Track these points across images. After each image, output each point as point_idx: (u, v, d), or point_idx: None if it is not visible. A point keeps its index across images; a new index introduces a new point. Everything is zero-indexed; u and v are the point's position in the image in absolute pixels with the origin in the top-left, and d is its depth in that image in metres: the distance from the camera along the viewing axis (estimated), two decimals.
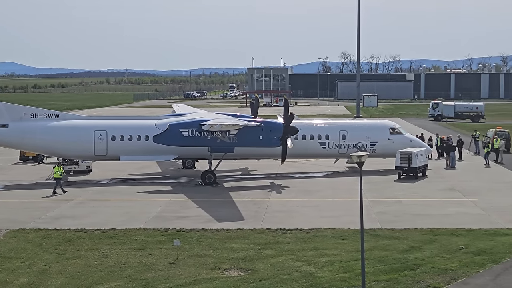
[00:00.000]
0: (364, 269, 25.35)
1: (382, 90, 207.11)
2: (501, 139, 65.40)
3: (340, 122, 62.53)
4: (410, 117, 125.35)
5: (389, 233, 35.10)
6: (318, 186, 50.28)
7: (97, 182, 53.13)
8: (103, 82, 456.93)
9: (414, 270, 28.75)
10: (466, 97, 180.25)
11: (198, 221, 38.35)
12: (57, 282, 27.77)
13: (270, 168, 58.32)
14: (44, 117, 53.98)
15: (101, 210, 42.21)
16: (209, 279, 27.87)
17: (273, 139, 51.52)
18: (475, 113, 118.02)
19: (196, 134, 51.56)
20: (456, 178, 53.58)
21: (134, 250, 32.39)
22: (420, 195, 46.51)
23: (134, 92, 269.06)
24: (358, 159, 24.34)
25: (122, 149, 53.30)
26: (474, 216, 39.50)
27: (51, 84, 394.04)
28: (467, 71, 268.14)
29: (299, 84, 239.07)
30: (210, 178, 51.34)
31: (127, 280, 27.92)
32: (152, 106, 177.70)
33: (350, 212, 39.73)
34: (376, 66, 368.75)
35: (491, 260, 30.24)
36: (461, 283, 27.32)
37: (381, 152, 56.89)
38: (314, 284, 27.16)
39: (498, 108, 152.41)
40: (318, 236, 34.68)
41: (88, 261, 30.66)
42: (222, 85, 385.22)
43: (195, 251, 32.09)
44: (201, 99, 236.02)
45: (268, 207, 42.49)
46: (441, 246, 32.43)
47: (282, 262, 30.07)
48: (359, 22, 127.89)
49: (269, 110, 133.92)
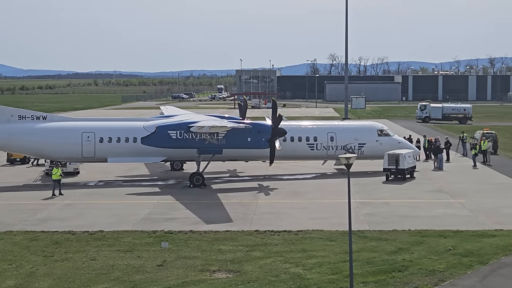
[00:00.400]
0: (352, 271, 25.38)
1: (370, 92, 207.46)
2: (488, 140, 65.68)
3: (328, 124, 62.54)
4: (398, 119, 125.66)
5: (377, 235, 35.16)
6: (306, 188, 50.32)
7: (85, 184, 52.98)
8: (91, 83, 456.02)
9: (402, 272, 28.80)
10: (454, 99, 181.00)
11: (186, 223, 38.30)
12: (45, 284, 27.67)
13: (259, 170, 58.32)
14: (32, 118, 53.80)
15: (89, 212, 42.09)
16: (197, 281, 27.84)
17: (261, 141, 51.55)
18: (463, 115, 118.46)
19: (184, 135, 51.53)
20: (444, 179, 53.74)
21: (122, 252, 32.31)
22: (408, 196, 46.62)
23: (122, 94, 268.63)
24: (346, 161, 24.37)
25: (110, 151, 53.15)
26: (462, 217, 39.62)
27: (38, 85, 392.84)
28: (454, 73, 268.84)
29: (287, 86, 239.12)
30: (198, 180, 51.30)
31: (114, 282, 27.84)
32: (140, 107, 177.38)
33: (338, 213, 39.78)
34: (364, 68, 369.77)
35: (478, 261, 30.34)
36: (448, 284, 27.40)
37: (369, 154, 56.99)
38: (302, 285, 27.17)
39: (485, 110, 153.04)
40: (306, 237, 34.70)
41: (76, 263, 30.56)
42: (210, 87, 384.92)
43: (183, 253, 32.04)
44: (189, 100, 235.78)
45: (257, 209, 42.48)
46: (429, 248, 32.51)
47: (270, 264, 30.07)
48: (347, 24, 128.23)
49: (257, 112, 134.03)
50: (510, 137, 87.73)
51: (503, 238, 34.26)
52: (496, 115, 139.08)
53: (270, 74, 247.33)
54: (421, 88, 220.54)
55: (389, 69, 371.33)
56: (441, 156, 60.21)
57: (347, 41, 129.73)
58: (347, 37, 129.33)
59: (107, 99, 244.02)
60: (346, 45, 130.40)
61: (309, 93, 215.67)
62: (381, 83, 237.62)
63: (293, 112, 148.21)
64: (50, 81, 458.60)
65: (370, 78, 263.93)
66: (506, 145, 75.79)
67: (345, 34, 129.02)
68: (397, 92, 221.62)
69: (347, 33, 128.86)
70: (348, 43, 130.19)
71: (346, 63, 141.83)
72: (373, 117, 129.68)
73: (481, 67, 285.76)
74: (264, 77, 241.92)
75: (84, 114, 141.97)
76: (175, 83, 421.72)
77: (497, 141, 70.76)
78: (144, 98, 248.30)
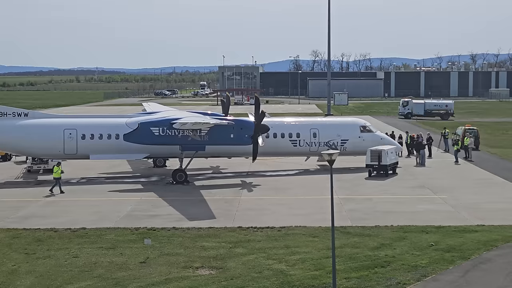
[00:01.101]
0: (335, 267, 25.43)
1: (353, 88, 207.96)
2: (470, 136, 66.05)
3: (311, 120, 62.67)
4: (381, 115, 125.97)
5: (359, 231, 35.26)
6: (289, 184, 50.37)
7: (67, 181, 52.72)
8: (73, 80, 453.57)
9: (384, 267, 28.91)
10: (436, 95, 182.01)
11: (169, 220, 38.25)
12: (27, 282, 27.54)
13: (241, 166, 58.32)
14: (13, 115, 53.47)
15: (71, 209, 41.91)
16: (180, 278, 27.82)
17: (244, 137, 51.54)
18: (445, 111, 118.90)
19: (167, 132, 51.38)
20: (426, 175, 53.98)
21: (105, 249, 32.22)
22: (390, 192, 46.78)
23: (104, 91, 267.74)
24: (328, 157, 24.40)
25: (92, 148, 52.94)
26: (444, 213, 39.82)
27: (20, 82, 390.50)
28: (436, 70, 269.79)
29: (270, 82, 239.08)
30: (181, 176, 51.22)
31: (97, 279, 27.76)
32: (123, 104, 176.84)
33: (321, 210, 39.88)
34: (346, 65, 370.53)
35: (460, 256, 30.50)
36: (431, 279, 27.53)
37: (351, 150, 57.14)
38: (285, 282, 27.21)
39: (467, 106, 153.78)
40: (289, 234, 34.75)
41: (58, 260, 30.44)
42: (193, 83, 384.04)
43: (166, 250, 32.00)
44: (172, 97, 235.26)
45: (240, 205, 42.49)
46: (411, 243, 32.65)
47: (253, 260, 30.09)
48: (330, 20, 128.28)
49: (240, 108, 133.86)
50: (491, 133, 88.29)
51: (484, 234, 34.47)
52: (477, 111, 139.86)
53: (253, 70, 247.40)
54: (404, 84, 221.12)
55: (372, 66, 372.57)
56: (423, 152, 60.48)
57: (330, 37, 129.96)
58: (330, 34, 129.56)
59: (89, 95, 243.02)
60: (328, 41, 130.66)
61: (292, 90, 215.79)
62: (363, 79, 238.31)
63: (276, 108, 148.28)
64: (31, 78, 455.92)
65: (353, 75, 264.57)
66: (488, 141, 76.22)
67: (327, 31, 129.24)
68: (379, 88, 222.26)
69: (329, 29, 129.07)
70: (331, 39, 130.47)
71: (328, 60, 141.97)
72: (356, 113, 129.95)
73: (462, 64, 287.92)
74: (247, 74, 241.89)
75: (66, 111, 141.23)
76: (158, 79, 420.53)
77: (478, 137, 71.18)
78: (126, 95, 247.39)
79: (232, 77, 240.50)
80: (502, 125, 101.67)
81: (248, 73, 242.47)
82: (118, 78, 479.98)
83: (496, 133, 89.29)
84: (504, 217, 38.27)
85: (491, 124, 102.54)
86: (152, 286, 26.89)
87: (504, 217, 38.42)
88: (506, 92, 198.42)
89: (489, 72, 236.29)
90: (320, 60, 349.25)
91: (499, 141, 79.45)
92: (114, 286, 26.92)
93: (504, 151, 69.11)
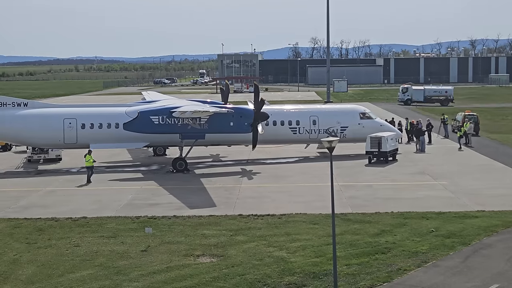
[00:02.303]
0: (336, 254, 25.46)
1: (352, 75, 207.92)
2: (470, 122, 66.06)
3: (311, 107, 62.62)
4: (380, 102, 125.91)
5: (360, 217, 35.31)
6: (289, 172, 50.40)
7: (67, 170, 52.79)
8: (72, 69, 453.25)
9: (385, 254, 28.96)
10: (435, 81, 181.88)
11: (169, 208, 38.29)
12: (29, 271, 27.60)
13: (241, 154, 58.34)
14: (13, 105, 53.47)
15: (71, 198, 41.97)
16: (181, 266, 27.87)
17: (243, 125, 51.52)
18: (444, 97, 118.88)
19: (166, 121, 51.36)
20: (426, 161, 54.00)
21: (106, 238, 32.28)
22: (390, 179, 46.81)
23: (103, 80, 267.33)
24: (328, 144, 24.39)
25: (92, 137, 52.93)
26: (444, 199, 39.86)
27: (19, 72, 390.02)
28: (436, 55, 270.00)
29: (269, 70, 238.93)
30: (181, 165, 51.26)
31: (99, 268, 27.82)
32: (122, 93, 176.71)
33: (321, 197, 39.93)
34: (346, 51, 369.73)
35: (460, 242, 30.55)
36: (431, 265, 27.59)
37: (351, 137, 57.13)
38: (286, 269, 27.26)
39: (466, 92, 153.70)
40: (290, 221, 34.80)
41: (60, 250, 30.50)
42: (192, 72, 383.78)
43: (167, 238, 32.05)
44: (171, 86, 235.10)
45: (240, 193, 42.52)
46: (412, 230, 32.70)
47: (254, 248, 30.14)
48: (328, 7, 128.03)
49: (240, 96, 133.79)
50: (491, 118, 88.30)
51: (485, 219, 34.52)
52: (477, 97, 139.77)
53: (252, 58, 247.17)
54: (403, 71, 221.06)
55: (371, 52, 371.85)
56: (423, 139, 60.47)
57: (328, 24, 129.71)
58: (328, 20, 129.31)
59: (89, 85, 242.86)
60: (327, 28, 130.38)
61: (291, 77, 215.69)
62: (363, 66, 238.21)
63: (275, 96, 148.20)
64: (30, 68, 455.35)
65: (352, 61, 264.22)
66: (487, 127, 76.22)
67: (326, 17, 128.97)
68: (379, 75, 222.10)
69: (328, 16, 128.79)
70: (330, 26, 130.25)
71: (328, 47, 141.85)
72: (355, 100, 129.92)
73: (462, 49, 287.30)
74: (246, 61, 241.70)
75: (65, 100, 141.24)
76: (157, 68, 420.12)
77: (478, 122, 71.20)
78: (125, 84, 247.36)
79: (231, 65, 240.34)
80: (502, 111, 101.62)
81: (247, 61, 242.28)
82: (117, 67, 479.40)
83: (496, 118, 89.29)
84: (504, 203, 38.31)
85: (491, 110, 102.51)
86: (153, 275, 26.94)
87: (504, 202, 38.45)
88: (505, 77, 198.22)
89: (489, 58, 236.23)
90: (319, 47, 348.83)
91: (499, 126, 79.47)
92: (116, 275, 26.97)
93: (504, 136, 69.13)
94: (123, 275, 26.98)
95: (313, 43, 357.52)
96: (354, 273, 26.75)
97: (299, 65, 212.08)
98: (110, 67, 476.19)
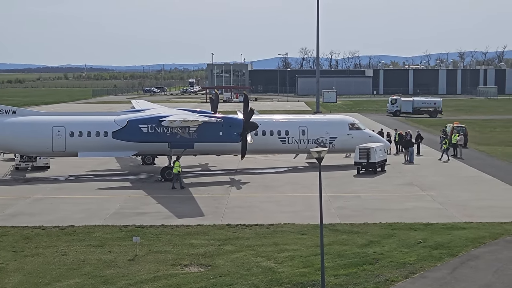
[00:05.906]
0: (324, 264, 25.47)
1: (342, 85, 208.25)
2: (459, 134, 66.22)
3: (300, 117, 62.67)
4: (369, 113, 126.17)
5: (348, 228, 35.33)
6: (278, 182, 50.40)
7: (55, 178, 52.61)
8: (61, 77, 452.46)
9: (373, 265, 28.98)
10: (424, 93, 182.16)
11: (157, 217, 38.20)
12: (15, 280, 27.44)
13: (230, 163, 58.30)
14: (1, 113, 53.29)
15: (59, 207, 41.81)
16: (169, 276, 27.79)
17: (233, 135, 51.50)
18: (433, 109, 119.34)
19: (155, 130, 51.30)
20: (414, 173, 54.11)
21: (93, 247, 32.16)
22: (379, 190, 46.87)
23: (92, 88, 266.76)
24: (317, 155, 24.42)
25: (81, 145, 52.79)
26: (432, 210, 39.94)
27: (8, 79, 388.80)
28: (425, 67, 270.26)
29: (259, 80, 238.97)
30: (169, 174, 51.07)
31: (86, 277, 27.70)
32: (111, 102, 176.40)
33: (309, 207, 39.93)
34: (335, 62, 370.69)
35: (448, 253, 30.62)
36: (419, 276, 27.61)
37: (340, 147, 57.25)
38: (274, 279, 27.23)
39: (455, 104, 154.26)
40: (278, 231, 34.77)
41: (47, 258, 30.36)
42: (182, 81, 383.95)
43: (155, 247, 31.96)
44: (160, 94, 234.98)
45: (228, 203, 42.48)
46: (400, 241, 32.74)
47: (242, 258, 30.10)
48: (319, 18, 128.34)
49: (229, 105, 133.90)
50: (479, 130, 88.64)
51: (472, 231, 34.61)
52: (465, 108, 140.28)
53: (241, 68, 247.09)
54: (392, 82, 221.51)
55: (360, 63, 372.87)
56: (411, 150, 60.61)
57: (318, 35, 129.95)
58: (318, 31, 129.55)
59: (78, 93, 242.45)
60: (317, 39, 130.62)
61: (281, 87, 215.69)
62: (352, 77, 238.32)
63: (265, 106, 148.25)
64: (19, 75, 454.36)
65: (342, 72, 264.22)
66: (476, 139, 76.51)
67: (316, 28, 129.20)
68: (368, 86, 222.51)
69: (318, 27, 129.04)
70: (320, 37, 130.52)
71: (317, 57, 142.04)
72: (345, 111, 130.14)
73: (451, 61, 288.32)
74: (235, 71, 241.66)
75: (54, 108, 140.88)
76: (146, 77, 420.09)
77: (467, 134, 71.36)
78: (115, 92, 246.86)
79: (221, 75, 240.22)
80: (490, 123, 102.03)
81: (237, 71, 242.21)
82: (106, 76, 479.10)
83: (484, 130, 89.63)
84: (492, 214, 38.43)
85: (479, 122, 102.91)
86: (141, 284, 26.85)
87: (492, 214, 38.58)
88: (494, 90, 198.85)
89: (477, 70, 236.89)
90: (309, 57, 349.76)
91: (487, 138, 79.77)
92: (103, 284, 26.86)
93: (492, 148, 69.38)
94: (110, 284, 26.87)
95: (303, 53, 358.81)
96: (342, 283, 26.74)
97: (289, 75, 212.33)
98: (100, 75, 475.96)
